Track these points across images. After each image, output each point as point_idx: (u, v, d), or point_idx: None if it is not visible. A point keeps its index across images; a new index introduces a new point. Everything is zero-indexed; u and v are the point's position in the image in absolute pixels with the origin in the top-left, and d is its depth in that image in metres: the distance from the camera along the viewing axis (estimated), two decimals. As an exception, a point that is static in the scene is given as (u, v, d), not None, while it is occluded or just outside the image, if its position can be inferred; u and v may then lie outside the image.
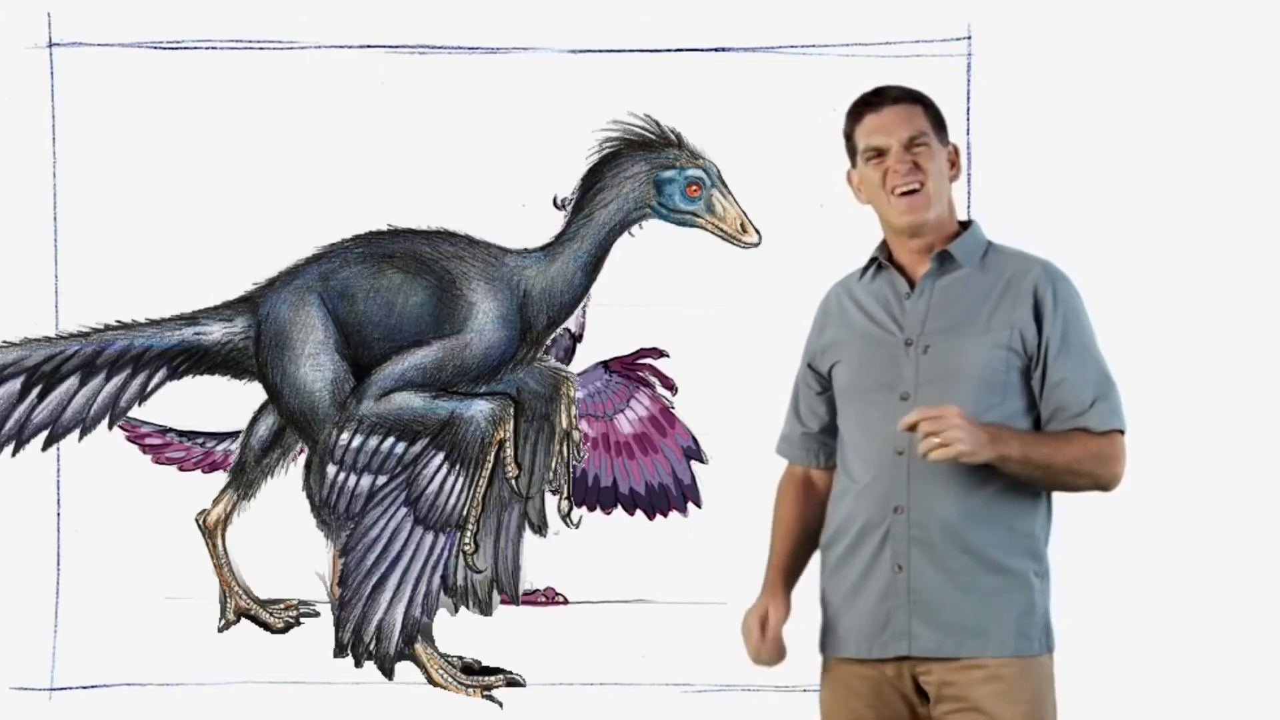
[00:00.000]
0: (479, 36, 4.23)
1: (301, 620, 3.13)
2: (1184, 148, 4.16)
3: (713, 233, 3.01)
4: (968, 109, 4.10)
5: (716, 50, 4.22)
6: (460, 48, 4.24)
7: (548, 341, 3.18)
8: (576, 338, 3.37)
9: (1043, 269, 2.60)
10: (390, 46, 4.23)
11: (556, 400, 2.87)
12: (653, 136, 2.96)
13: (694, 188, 2.93)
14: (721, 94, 4.20)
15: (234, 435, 3.45)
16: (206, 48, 4.23)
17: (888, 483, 2.60)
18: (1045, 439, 2.53)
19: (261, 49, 4.22)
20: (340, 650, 2.93)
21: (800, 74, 4.19)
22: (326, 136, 4.22)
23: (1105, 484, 2.57)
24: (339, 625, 2.89)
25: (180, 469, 3.67)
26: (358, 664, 3.19)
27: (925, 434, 2.44)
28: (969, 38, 4.17)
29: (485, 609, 2.91)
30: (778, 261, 4.18)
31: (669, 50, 4.22)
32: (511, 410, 2.78)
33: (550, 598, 3.29)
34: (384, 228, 3.16)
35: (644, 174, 2.91)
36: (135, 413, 3.79)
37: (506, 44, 4.23)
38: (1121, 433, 2.56)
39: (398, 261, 2.93)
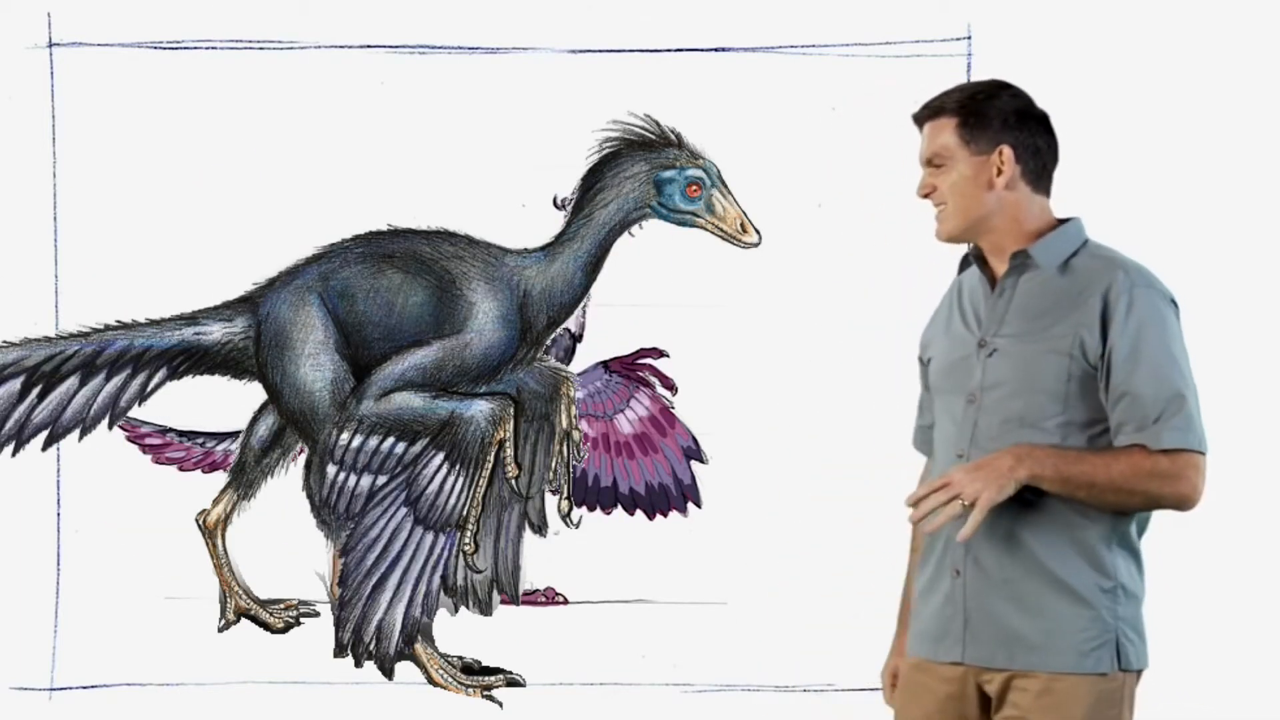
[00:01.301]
0: (479, 36, 4.23)
1: (301, 620, 3.13)
2: (1184, 147, 4.16)
3: (713, 233, 3.02)
4: (968, 109, 4.10)
5: (716, 50, 4.22)
6: (460, 48, 4.24)
7: (548, 341, 3.19)
8: (576, 338, 3.37)
9: (1124, 275, 2.50)
10: (390, 46, 4.24)
11: (556, 400, 2.88)
12: (653, 136, 2.97)
13: (694, 188, 2.95)
14: (721, 94, 4.20)
15: (234, 435, 3.45)
16: (206, 48, 4.23)
17: None
18: (1088, 456, 2.43)
19: (261, 49, 4.22)
20: (340, 650, 2.94)
21: (800, 74, 4.19)
22: (326, 136, 4.22)
23: (1172, 504, 2.45)
24: (339, 625, 2.89)
25: (180, 469, 3.66)
26: (358, 664, 3.19)
27: (942, 505, 2.39)
28: (969, 38, 4.17)
29: (485, 609, 2.92)
30: (777, 261, 4.19)
31: (669, 50, 4.22)
32: (511, 410, 2.79)
33: (550, 598, 3.30)
34: (384, 228, 3.19)
35: (644, 174, 2.92)
36: (135, 413, 3.79)
37: (506, 44, 4.23)
38: (1195, 452, 2.43)
39: (398, 261, 2.95)
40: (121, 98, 4.23)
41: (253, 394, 3.79)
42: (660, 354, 3.32)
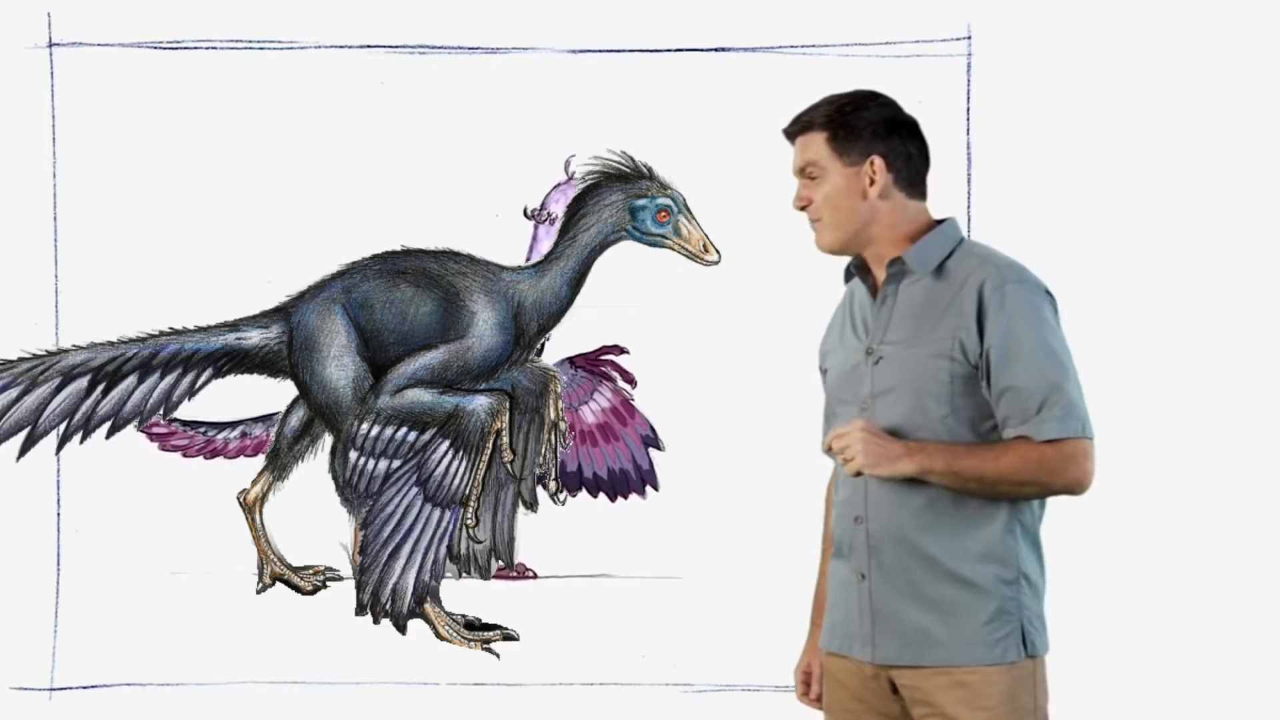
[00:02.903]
0: (479, 36, 4.24)
1: (328, 584, 3.46)
2: (1183, 147, 4.16)
3: (679, 253, 3.38)
4: (968, 109, 4.10)
5: (716, 50, 4.22)
6: (460, 48, 4.24)
7: (538, 345, 3.62)
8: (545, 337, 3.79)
9: (995, 272, 2.52)
10: (390, 46, 4.24)
11: (545, 395, 3.34)
12: (628, 170, 3.34)
13: (663, 214, 3.31)
14: (721, 94, 4.21)
15: (232, 425, 3.77)
16: (206, 48, 4.23)
17: (850, 494, 2.61)
18: (977, 450, 2.47)
19: (261, 49, 4.23)
20: (361, 609, 3.31)
21: (800, 74, 4.19)
22: (326, 136, 4.22)
23: (1063, 490, 2.49)
24: (359, 588, 3.28)
25: (184, 455, 3.89)
26: (375, 621, 3.48)
27: (837, 451, 2.50)
28: (969, 38, 4.17)
29: (484, 574, 3.30)
30: (777, 261, 4.19)
31: (669, 50, 4.22)
32: (507, 404, 3.28)
33: (521, 572, 3.59)
34: (398, 248, 3.54)
35: (620, 202, 3.30)
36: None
37: (506, 44, 4.23)
38: (1080, 439, 2.46)
39: (409, 277, 3.35)
40: (121, 98, 4.23)
41: (257, 390, 3.91)
42: (621, 351, 3.65)
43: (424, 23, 4.23)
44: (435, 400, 3.24)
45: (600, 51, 4.22)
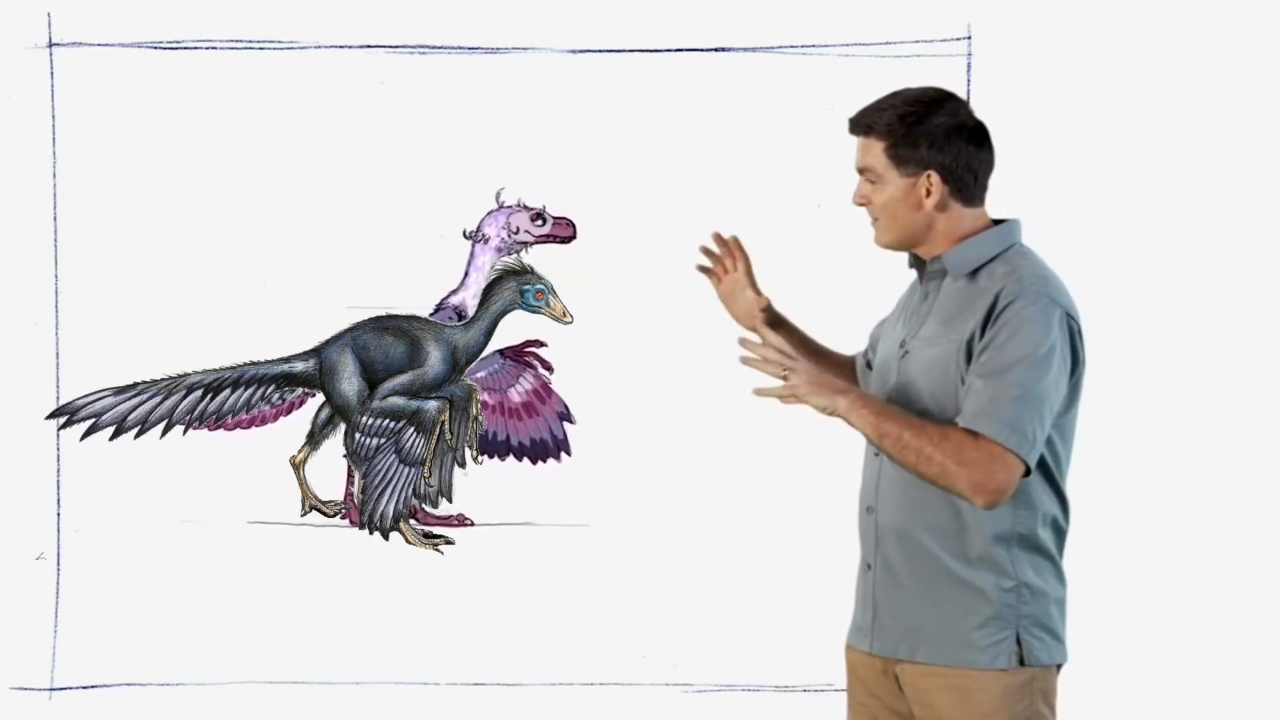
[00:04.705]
0: (479, 36, 4.24)
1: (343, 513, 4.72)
2: (1183, 147, 4.16)
3: (549, 318, 4.51)
4: (968, 109, 4.10)
5: (716, 50, 4.22)
6: (460, 48, 4.24)
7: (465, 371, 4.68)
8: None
9: (1016, 284, 2.49)
10: (390, 46, 4.24)
11: (470, 401, 4.61)
12: (519, 270, 4.52)
13: (539, 294, 4.53)
14: (721, 94, 4.21)
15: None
16: (206, 48, 4.23)
17: (865, 482, 2.63)
18: (910, 418, 2.46)
19: (261, 49, 4.23)
20: (361, 527, 4.57)
21: (800, 74, 4.19)
22: (326, 136, 4.23)
23: (963, 487, 2.41)
24: (360, 514, 4.54)
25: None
26: (370, 534, 4.53)
27: (768, 367, 2.51)
28: (969, 38, 4.17)
29: (434, 505, 4.58)
30: (777, 261, 4.19)
31: (669, 50, 4.22)
32: (448, 406, 4.61)
33: (460, 520, 4.52)
34: (382, 314, 4.58)
35: (514, 287, 4.54)
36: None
37: (506, 44, 4.24)
38: (1006, 450, 2.40)
39: (391, 331, 4.59)
40: (121, 98, 4.23)
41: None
42: (541, 344, 4.54)
43: (424, 23, 4.23)
44: (405, 404, 4.57)
45: (600, 51, 4.22)
